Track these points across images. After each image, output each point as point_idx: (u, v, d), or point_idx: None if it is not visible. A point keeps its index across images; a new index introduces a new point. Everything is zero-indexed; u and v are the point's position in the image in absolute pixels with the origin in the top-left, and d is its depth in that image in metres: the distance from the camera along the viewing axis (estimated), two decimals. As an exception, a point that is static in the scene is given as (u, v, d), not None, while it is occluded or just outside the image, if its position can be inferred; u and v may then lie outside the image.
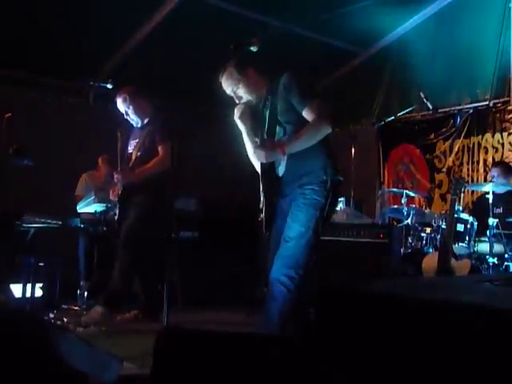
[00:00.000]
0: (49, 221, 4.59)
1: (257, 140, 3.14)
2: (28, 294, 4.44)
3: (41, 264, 4.54)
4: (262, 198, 3.11)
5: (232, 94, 3.23)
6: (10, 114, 4.38)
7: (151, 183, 4.23)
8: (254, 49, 3.16)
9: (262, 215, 3.10)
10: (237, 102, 3.21)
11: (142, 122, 4.42)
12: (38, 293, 4.59)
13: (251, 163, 3.28)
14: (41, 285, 4.61)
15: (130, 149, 4.50)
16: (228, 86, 3.21)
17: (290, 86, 3.04)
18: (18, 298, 4.46)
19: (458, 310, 1.09)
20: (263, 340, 1.87)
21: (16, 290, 4.53)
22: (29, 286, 4.46)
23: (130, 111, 4.40)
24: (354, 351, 1.32)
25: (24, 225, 4.52)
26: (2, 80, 5.71)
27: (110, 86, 4.45)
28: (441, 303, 1.13)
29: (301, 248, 2.96)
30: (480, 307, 1.10)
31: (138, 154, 4.39)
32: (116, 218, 4.42)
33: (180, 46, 5.80)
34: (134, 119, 4.43)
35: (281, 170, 3.13)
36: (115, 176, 4.30)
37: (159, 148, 4.24)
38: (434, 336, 1.13)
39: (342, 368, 1.31)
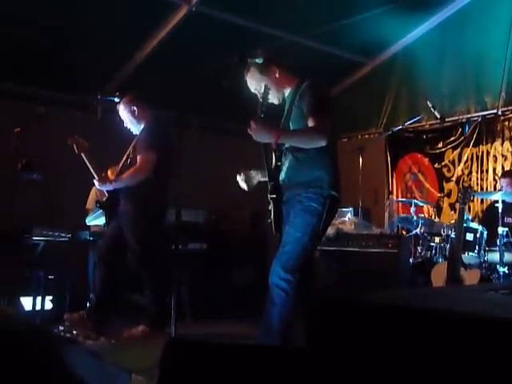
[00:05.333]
0: (58, 234, 4.62)
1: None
2: (38, 307, 4.47)
3: (50, 277, 4.56)
4: (270, 201, 3.15)
5: (256, 92, 3.25)
6: (19, 129, 4.42)
7: (133, 192, 4.26)
8: (259, 61, 3.19)
9: (271, 218, 3.14)
10: (260, 100, 3.20)
11: (138, 129, 4.44)
12: (48, 306, 4.62)
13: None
14: (50, 298, 4.63)
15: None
16: (252, 83, 3.25)
17: (306, 94, 3.07)
18: (28, 311, 4.49)
19: (455, 319, 1.08)
20: (270, 352, 1.87)
21: (26, 302, 4.56)
22: (39, 298, 4.48)
23: (126, 118, 4.43)
24: (358, 362, 1.31)
25: (34, 238, 4.55)
26: (11, 95, 5.77)
27: (117, 100, 4.48)
28: (437, 312, 1.12)
29: (297, 253, 3.01)
30: (479, 316, 1.09)
31: (127, 162, 4.43)
32: (103, 223, 4.48)
33: (187, 59, 5.84)
34: (129, 126, 4.46)
35: (281, 176, 3.17)
36: (94, 182, 4.34)
37: (138, 157, 4.26)
38: (433, 346, 1.12)
39: (344, 379, 1.30)
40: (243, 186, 3.35)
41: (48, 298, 4.60)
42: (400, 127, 6.42)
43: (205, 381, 1.72)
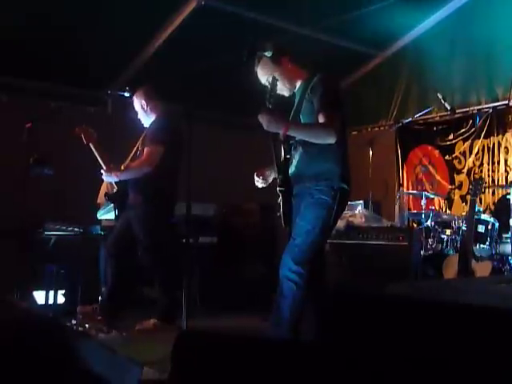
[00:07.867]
0: (70, 228, 4.66)
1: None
2: (50, 301, 4.51)
3: (62, 271, 4.60)
4: (279, 194, 3.14)
5: (267, 84, 3.21)
6: (30, 124, 4.45)
7: (142, 186, 4.27)
8: (268, 54, 3.19)
9: (280, 211, 3.14)
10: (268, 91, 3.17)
11: (149, 123, 4.46)
12: (60, 299, 4.66)
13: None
14: (63, 291, 4.67)
15: None
16: (263, 74, 3.23)
17: (317, 89, 3.07)
18: (41, 305, 4.53)
19: (467, 311, 1.08)
20: (280, 344, 1.87)
21: (39, 297, 4.60)
22: (51, 293, 4.52)
23: (139, 111, 4.45)
24: (370, 355, 1.31)
25: (45, 233, 4.59)
26: (22, 90, 5.80)
27: (127, 95, 4.50)
28: (449, 305, 1.12)
29: (307, 245, 3.01)
30: (490, 308, 1.09)
31: (136, 155, 4.45)
32: (114, 217, 4.50)
33: (197, 53, 5.84)
34: (141, 119, 4.48)
35: (291, 170, 3.16)
36: (102, 172, 4.36)
37: (144, 150, 4.28)
38: (445, 338, 1.12)
39: (356, 373, 1.31)
40: (260, 185, 3.31)
41: (60, 292, 4.65)
42: (410, 119, 6.39)
43: (216, 373, 1.73)
